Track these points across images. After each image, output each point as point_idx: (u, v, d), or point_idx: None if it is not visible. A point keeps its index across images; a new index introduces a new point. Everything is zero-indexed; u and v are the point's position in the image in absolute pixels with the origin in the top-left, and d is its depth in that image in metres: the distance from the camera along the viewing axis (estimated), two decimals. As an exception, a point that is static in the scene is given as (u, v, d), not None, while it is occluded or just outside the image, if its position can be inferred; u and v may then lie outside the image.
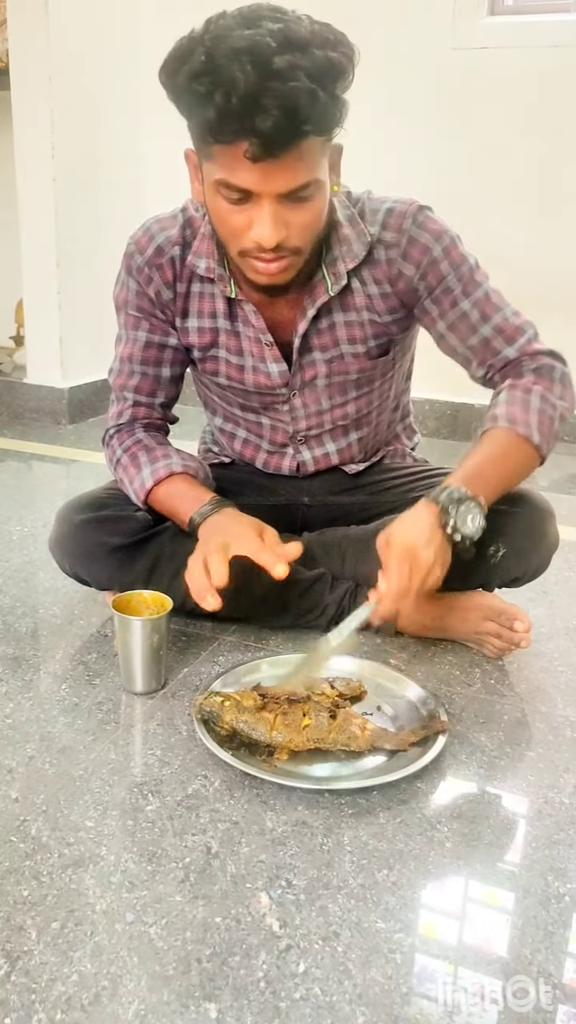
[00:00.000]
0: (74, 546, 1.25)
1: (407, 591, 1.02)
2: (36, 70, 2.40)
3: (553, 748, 1.06)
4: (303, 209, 1.02)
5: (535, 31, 2.36)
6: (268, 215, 0.99)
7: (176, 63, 0.96)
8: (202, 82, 0.92)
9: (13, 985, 0.71)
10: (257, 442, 1.35)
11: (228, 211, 1.02)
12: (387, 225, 1.15)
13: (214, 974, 0.72)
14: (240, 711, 1.02)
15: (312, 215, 1.04)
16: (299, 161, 0.97)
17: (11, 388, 2.73)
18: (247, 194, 0.99)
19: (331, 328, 1.21)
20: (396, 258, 1.16)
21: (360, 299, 1.19)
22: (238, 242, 1.04)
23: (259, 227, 1.00)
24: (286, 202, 1.00)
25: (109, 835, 0.88)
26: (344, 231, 1.15)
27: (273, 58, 0.90)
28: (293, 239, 1.03)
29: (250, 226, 1.01)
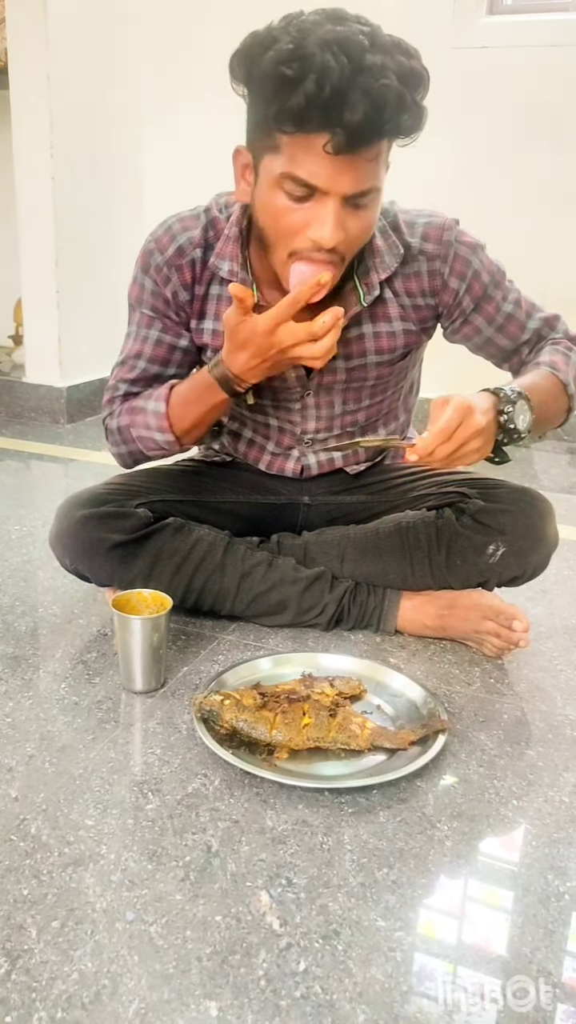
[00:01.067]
0: (74, 542, 1.25)
1: (451, 435, 0.96)
2: (35, 69, 2.40)
3: (553, 747, 1.06)
4: (360, 216, 1.02)
5: (534, 30, 2.36)
6: (333, 213, 0.99)
7: (258, 48, 0.95)
8: (292, 67, 0.91)
9: (13, 983, 0.71)
10: (263, 443, 1.35)
11: (286, 209, 1.01)
12: (428, 237, 1.17)
13: (214, 972, 0.72)
14: (240, 710, 1.02)
15: (366, 224, 1.04)
16: (371, 163, 0.98)
17: (10, 387, 2.73)
18: (311, 192, 0.98)
19: (360, 339, 1.21)
20: (440, 269, 1.17)
21: (394, 310, 1.20)
22: (291, 242, 1.03)
23: (321, 226, 0.99)
24: (347, 206, 1.00)
25: (109, 834, 0.88)
26: (376, 242, 1.15)
27: (365, 54, 0.91)
28: (346, 244, 1.03)
29: (307, 226, 1.00)
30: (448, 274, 1.18)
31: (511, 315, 1.22)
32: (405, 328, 1.22)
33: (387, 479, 1.40)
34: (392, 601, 1.31)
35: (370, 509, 1.37)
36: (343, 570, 1.32)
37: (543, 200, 2.42)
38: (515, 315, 1.22)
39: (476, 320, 1.22)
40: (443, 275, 1.18)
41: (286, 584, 1.29)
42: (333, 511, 1.40)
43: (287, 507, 1.40)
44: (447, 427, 0.96)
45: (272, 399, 1.28)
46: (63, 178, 2.49)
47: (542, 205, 2.43)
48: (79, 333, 2.65)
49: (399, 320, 1.21)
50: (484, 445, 1.00)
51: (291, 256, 1.04)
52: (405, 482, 1.39)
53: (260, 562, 1.28)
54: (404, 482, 1.39)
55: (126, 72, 2.68)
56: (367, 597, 1.31)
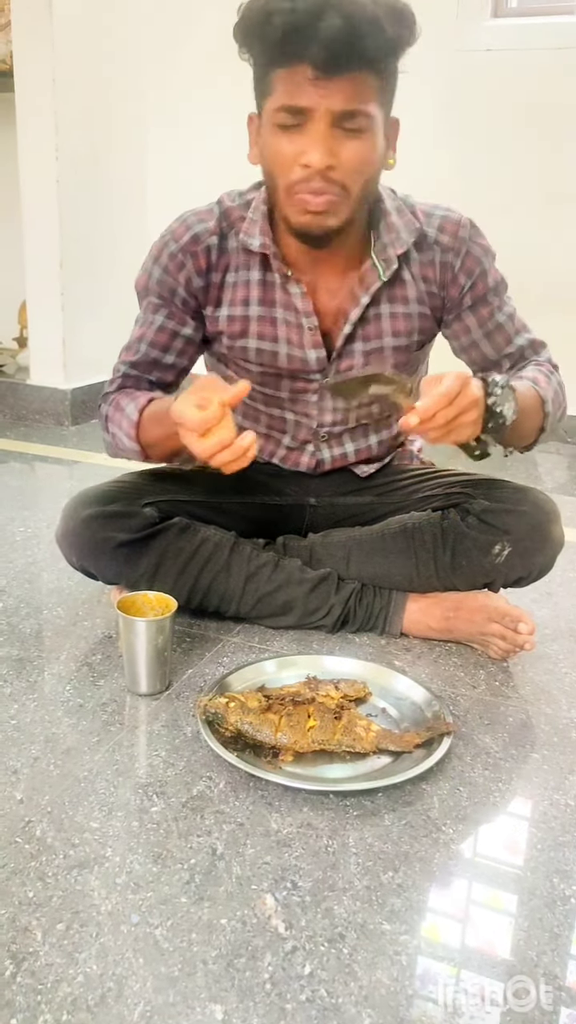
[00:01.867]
0: (81, 540, 1.26)
1: (452, 401, 0.96)
2: (40, 72, 2.40)
3: (558, 750, 1.06)
4: (354, 142, 1.05)
5: (538, 33, 2.36)
6: (320, 134, 1.02)
7: (248, 6, 1.03)
8: (270, 4, 0.99)
9: (19, 986, 0.71)
10: (279, 437, 1.35)
11: (282, 141, 1.05)
12: (444, 229, 1.20)
13: (220, 975, 0.72)
14: (245, 712, 1.02)
15: (362, 152, 1.06)
16: (353, 86, 1.01)
17: (14, 389, 2.73)
18: (302, 115, 1.02)
19: (378, 319, 1.23)
20: (452, 262, 1.21)
21: (412, 291, 1.22)
22: (287, 174, 1.06)
23: (311, 150, 1.03)
24: (338, 130, 1.03)
25: (114, 836, 0.88)
26: (392, 219, 1.19)
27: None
28: (341, 172, 1.05)
29: (302, 152, 1.04)
30: (458, 268, 1.21)
31: (501, 325, 1.25)
32: (421, 311, 1.24)
33: (393, 480, 1.40)
34: (398, 603, 1.31)
35: (376, 511, 1.37)
36: (349, 571, 1.32)
37: (546, 202, 2.42)
38: (505, 326, 1.25)
39: (468, 319, 1.24)
40: (454, 268, 1.21)
41: (292, 585, 1.29)
42: (339, 512, 1.40)
43: (293, 508, 1.40)
44: (449, 391, 0.96)
45: (289, 391, 1.28)
46: (68, 181, 2.50)
47: (545, 207, 2.43)
48: (83, 335, 2.65)
49: (416, 303, 1.23)
50: (478, 419, 1.01)
51: (291, 189, 1.07)
52: (411, 483, 1.39)
53: (266, 563, 1.29)
54: (410, 483, 1.39)
55: (131, 75, 2.68)
56: (373, 599, 1.31)
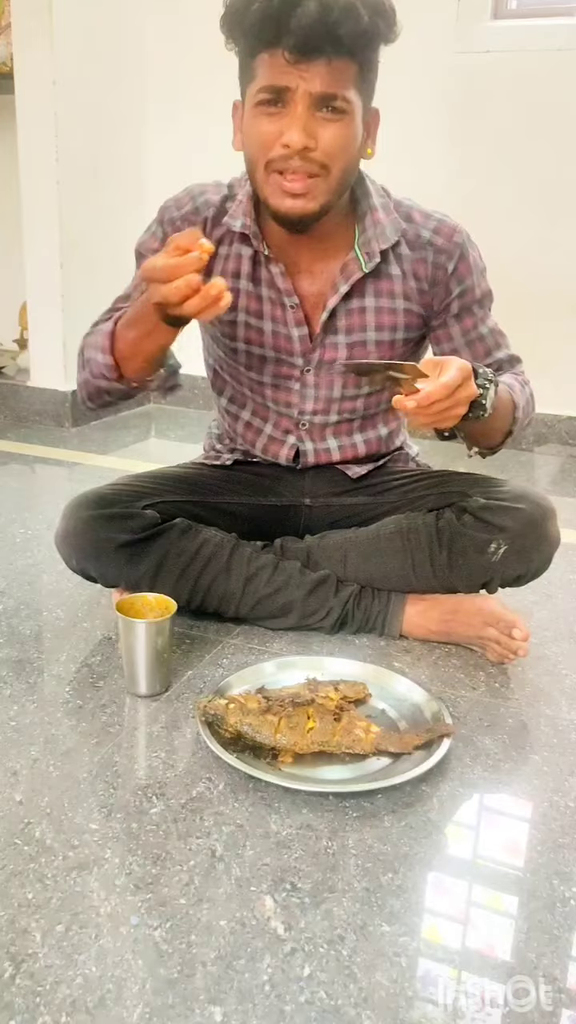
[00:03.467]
0: (81, 542, 1.26)
1: (450, 392, 0.97)
2: (40, 74, 2.40)
3: (558, 751, 1.06)
4: (333, 125, 1.06)
5: (538, 35, 2.36)
6: (299, 115, 1.04)
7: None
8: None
9: (18, 988, 0.71)
10: (260, 425, 1.36)
11: (262, 123, 1.07)
12: (439, 231, 1.22)
13: (219, 977, 0.72)
14: (244, 714, 1.02)
15: (341, 135, 1.07)
16: (331, 70, 1.03)
17: (14, 391, 2.73)
18: (281, 96, 1.04)
19: (361, 311, 1.24)
20: (445, 264, 1.22)
21: (399, 286, 1.23)
22: (267, 153, 1.07)
23: (289, 131, 1.04)
24: (317, 113, 1.05)
25: (113, 838, 0.88)
26: (379, 215, 1.20)
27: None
28: (320, 153, 1.06)
29: (280, 134, 1.05)
30: (451, 272, 1.22)
31: (483, 337, 1.27)
32: (407, 307, 1.25)
33: (387, 480, 1.40)
34: (396, 605, 1.31)
35: (371, 511, 1.37)
36: (346, 573, 1.32)
37: (546, 204, 2.42)
38: (486, 338, 1.27)
39: (453, 328, 1.26)
40: (447, 270, 1.22)
41: (291, 587, 1.29)
42: (335, 513, 1.40)
43: (289, 509, 1.40)
44: (450, 384, 0.97)
45: (273, 375, 1.29)
46: (68, 183, 2.50)
47: (545, 209, 2.43)
48: (83, 337, 2.65)
49: (402, 298, 1.24)
50: (462, 412, 1.02)
51: (268, 168, 1.09)
52: (405, 483, 1.39)
53: (266, 564, 1.29)
54: (404, 483, 1.39)
55: (131, 77, 2.68)
56: (372, 601, 1.31)
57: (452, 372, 0.98)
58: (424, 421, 1.01)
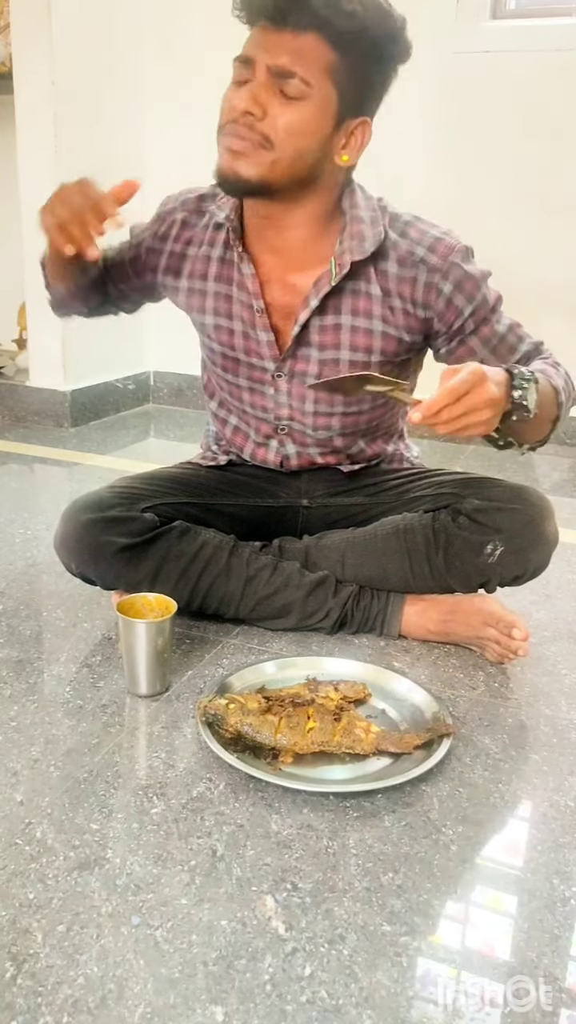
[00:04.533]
0: (80, 546, 1.26)
1: (460, 398, 0.94)
2: (39, 74, 2.40)
3: (557, 751, 1.06)
4: (287, 107, 1.06)
5: (537, 35, 2.36)
6: (253, 84, 1.05)
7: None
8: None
9: (19, 988, 0.71)
10: (246, 430, 1.37)
11: (229, 93, 1.09)
12: (434, 250, 1.17)
13: (220, 977, 0.72)
14: (244, 714, 1.02)
15: (294, 118, 1.07)
16: (299, 47, 1.03)
17: (13, 391, 2.73)
18: (247, 66, 1.06)
19: (336, 329, 1.21)
20: (439, 284, 1.17)
21: (378, 308, 1.20)
22: (222, 118, 1.10)
23: (236, 92, 1.07)
24: (274, 86, 1.05)
25: (114, 838, 0.88)
26: (360, 227, 1.17)
27: None
28: (266, 126, 1.06)
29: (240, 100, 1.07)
30: (452, 291, 1.17)
31: (504, 337, 1.22)
32: (384, 330, 1.21)
33: (384, 481, 1.40)
34: (395, 606, 1.31)
35: (368, 511, 1.37)
36: (344, 573, 1.32)
37: (545, 204, 2.42)
38: (507, 338, 1.23)
39: (472, 342, 1.21)
40: (443, 292, 1.17)
41: (291, 588, 1.29)
42: (332, 513, 1.40)
43: (287, 510, 1.40)
44: (456, 388, 0.93)
45: (247, 378, 1.29)
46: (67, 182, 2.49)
47: (544, 209, 2.43)
48: (82, 337, 2.65)
49: (380, 320, 1.21)
50: (492, 418, 0.98)
51: (220, 131, 1.10)
52: (401, 484, 1.38)
53: (265, 566, 1.29)
54: (400, 484, 1.38)
55: (130, 77, 2.68)
56: (371, 601, 1.31)
57: (459, 377, 0.94)
58: (446, 431, 0.96)
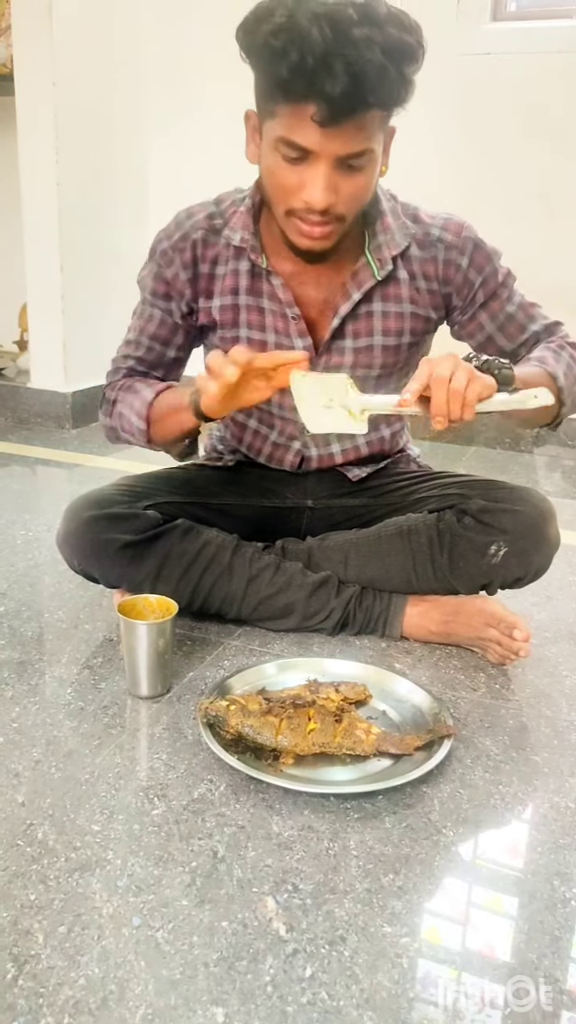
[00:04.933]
0: (83, 543, 1.26)
1: (445, 380, 0.95)
2: (40, 75, 2.40)
3: (558, 752, 1.06)
4: (354, 178, 1.05)
5: (538, 37, 2.36)
6: (322, 177, 1.03)
7: (256, 21, 1.00)
8: (279, 38, 0.96)
9: (20, 989, 0.71)
10: (266, 432, 1.35)
11: (283, 169, 1.05)
12: (447, 228, 1.22)
13: (221, 978, 0.73)
14: (245, 715, 1.02)
15: (362, 185, 1.07)
16: (360, 130, 1.01)
17: (15, 392, 2.73)
18: (305, 153, 1.02)
19: (368, 316, 1.24)
20: (457, 260, 1.21)
21: (406, 291, 1.23)
22: (287, 201, 1.07)
23: (312, 188, 1.03)
24: (340, 167, 1.03)
25: (115, 839, 0.88)
26: (388, 220, 1.20)
27: (352, 28, 0.95)
28: (341, 206, 1.06)
29: (302, 186, 1.04)
30: (467, 266, 1.22)
31: (512, 315, 1.25)
32: (413, 311, 1.25)
33: (389, 482, 1.40)
34: (397, 606, 1.31)
35: (372, 512, 1.38)
36: (347, 574, 1.32)
37: (547, 206, 2.43)
38: (516, 316, 1.25)
39: (481, 316, 1.25)
40: (461, 266, 1.21)
41: (293, 588, 1.29)
42: (336, 515, 1.40)
43: (292, 511, 1.40)
44: (443, 372, 0.95)
45: None
46: (68, 184, 2.50)
47: (546, 211, 2.43)
48: (84, 338, 2.66)
49: (408, 302, 1.24)
50: (474, 376, 0.97)
51: (289, 214, 1.09)
52: (406, 485, 1.39)
53: (267, 566, 1.29)
54: (405, 485, 1.39)
55: (131, 78, 2.68)
56: (372, 602, 1.31)
57: (441, 364, 0.96)
58: (466, 414, 0.97)
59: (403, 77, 1.00)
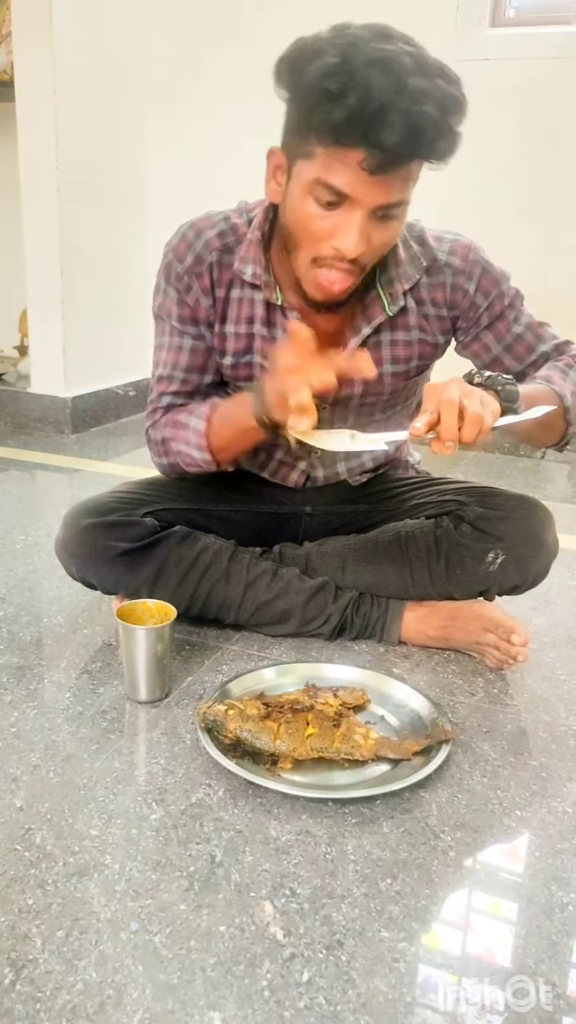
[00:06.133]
0: (81, 550, 1.26)
1: (455, 404, 0.94)
2: (40, 82, 2.41)
3: (556, 757, 1.07)
4: (386, 227, 1.03)
5: (537, 43, 2.38)
6: (357, 224, 1.00)
7: (304, 58, 0.96)
8: (335, 81, 0.92)
9: (18, 994, 0.71)
10: (272, 450, 1.34)
11: (315, 215, 1.01)
12: (454, 252, 1.18)
13: (218, 983, 0.73)
14: (244, 720, 1.02)
15: (392, 235, 1.05)
16: (403, 181, 0.99)
17: (15, 398, 2.74)
18: (342, 198, 0.99)
19: (378, 346, 1.21)
20: (464, 285, 1.18)
21: (414, 319, 1.21)
22: (315, 248, 1.04)
23: (345, 236, 1.01)
24: (374, 218, 1.01)
25: (114, 844, 0.88)
26: (399, 253, 1.16)
27: (409, 78, 0.91)
28: (367, 255, 1.04)
29: (333, 233, 1.01)
30: (474, 291, 1.19)
31: (520, 336, 1.22)
32: (421, 338, 1.23)
33: (387, 488, 1.40)
34: (395, 611, 1.31)
35: (370, 518, 1.38)
36: (345, 580, 1.32)
37: (545, 211, 2.43)
38: (524, 336, 1.22)
39: (486, 337, 1.22)
40: (468, 291, 1.19)
41: (290, 594, 1.29)
42: (334, 521, 1.40)
43: (289, 517, 1.41)
44: (451, 397, 0.94)
45: None
46: (68, 189, 2.51)
47: (544, 216, 2.44)
48: (84, 343, 2.66)
49: (417, 330, 1.22)
50: (480, 396, 0.96)
51: (314, 262, 1.05)
52: (405, 491, 1.39)
53: (265, 571, 1.29)
54: (404, 491, 1.39)
55: (131, 84, 2.70)
56: (370, 607, 1.32)
57: (448, 389, 0.95)
58: (472, 438, 0.96)
59: (452, 131, 0.97)
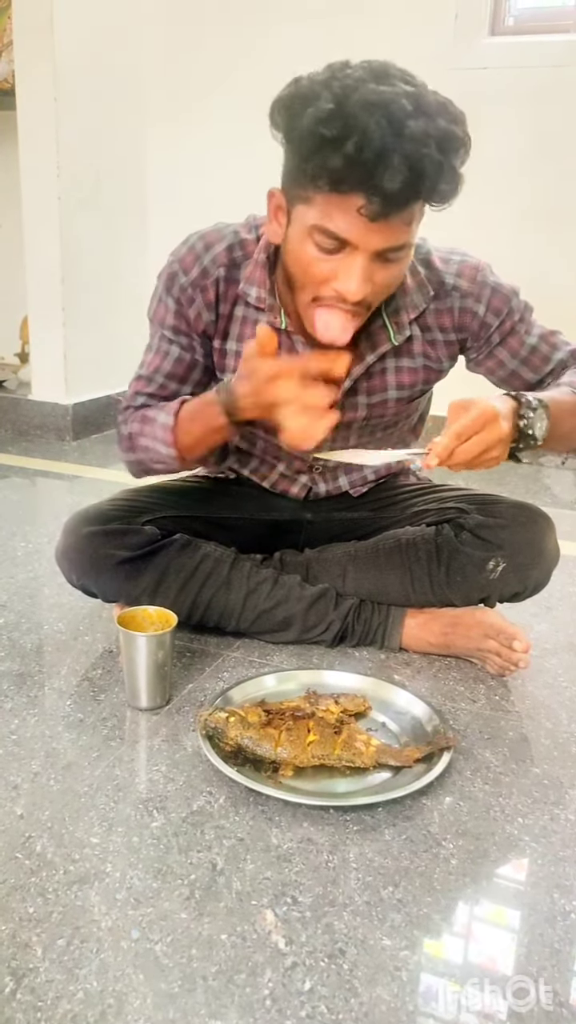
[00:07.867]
0: (81, 558, 1.26)
1: (470, 437, 0.95)
2: (41, 91, 2.42)
3: (558, 764, 1.06)
4: (389, 269, 1.01)
5: (535, 51, 2.38)
6: (359, 269, 0.97)
7: (299, 103, 0.93)
8: (331, 127, 0.89)
9: (19, 1003, 0.71)
10: (273, 463, 1.34)
11: (315, 258, 0.99)
12: (462, 274, 1.16)
13: (220, 992, 0.72)
14: (245, 727, 1.02)
15: (395, 276, 1.03)
16: (405, 224, 0.97)
17: (16, 405, 2.74)
18: (343, 244, 0.97)
19: (383, 373, 1.20)
20: (473, 308, 1.17)
21: (418, 346, 1.20)
22: (315, 290, 1.02)
23: (346, 280, 0.98)
24: (377, 259, 0.98)
25: (114, 852, 0.88)
26: (406, 282, 1.14)
27: (408, 120, 0.89)
28: (371, 296, 1.02)
29: (334, 276, 0.99)
30: (484, 312, 1.17)
31: (535, 348, 1.21)
32: (427, 364, 1.22)
33: (388, 495, 1.40)
34: (396, 618, 1.31)
35: (371, 525, 1.38)
36: (345, 587, 1.32)
37: (545, 221, 2.44)
38: (539, 348, 1.21)
39: (500, 354, 1.21)
40: (477, 314, 1.17)
41: (291, 601, 1.29)
42: (335, 528, 1.40)
43: (290, 524, 1.40)
44: (465, 429, 0.94)
45: None
46: (69, 197, 2.52)
47: (544, 226, 2.44)
48: (84, 350, 2.67)
49: (422, 356, 1.21)
50: (500, 453, 0.98)
51: (315, 301, 1.03)
52: (406, 498, 1.39)
53: (266, 579, 1.29)
54: (405, 498, 1.39)
55: (132, 93, 2.71)
56: (371, 614, 1.32)
57: (471, 415, 0.94)
58: (463, 468, 0.98)
59: (454, 171, 0.94)
